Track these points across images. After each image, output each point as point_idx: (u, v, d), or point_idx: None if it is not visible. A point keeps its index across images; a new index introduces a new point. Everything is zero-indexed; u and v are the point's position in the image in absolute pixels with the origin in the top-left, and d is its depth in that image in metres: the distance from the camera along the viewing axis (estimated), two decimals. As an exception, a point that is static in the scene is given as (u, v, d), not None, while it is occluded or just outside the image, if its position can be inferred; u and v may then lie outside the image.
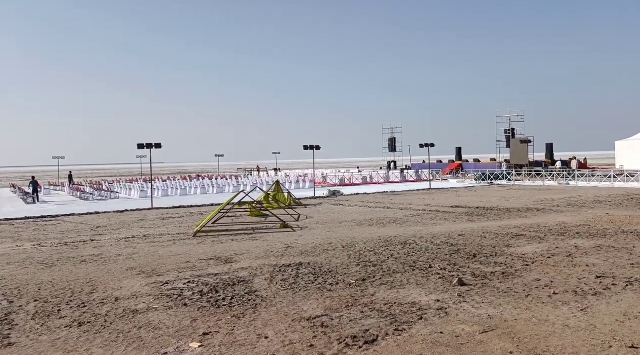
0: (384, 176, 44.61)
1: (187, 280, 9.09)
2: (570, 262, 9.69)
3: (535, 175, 39.80)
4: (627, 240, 11.79)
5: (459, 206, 21.33)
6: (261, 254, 11.46)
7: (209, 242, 13.50)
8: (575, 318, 6.35)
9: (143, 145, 24.92)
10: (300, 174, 52.53)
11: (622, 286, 7.81)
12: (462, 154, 59.00)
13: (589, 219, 15.78)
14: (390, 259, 10.46)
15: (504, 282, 8.26)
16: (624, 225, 14.18)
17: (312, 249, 11.89)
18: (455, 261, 10.02)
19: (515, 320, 6.36)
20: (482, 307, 6.92)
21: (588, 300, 7.13)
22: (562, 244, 11.63)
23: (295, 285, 8.46)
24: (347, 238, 13.43)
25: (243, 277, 9.17)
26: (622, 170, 39.64)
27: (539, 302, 7.08)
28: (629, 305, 6.83)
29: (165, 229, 16.44)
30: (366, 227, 15.66)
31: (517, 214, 18.03)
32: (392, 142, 63.06)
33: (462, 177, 46.51)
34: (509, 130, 51.62)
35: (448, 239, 12.66)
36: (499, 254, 10.60)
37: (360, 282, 8.52)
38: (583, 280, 8.23)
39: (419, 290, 7.94)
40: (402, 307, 7.02)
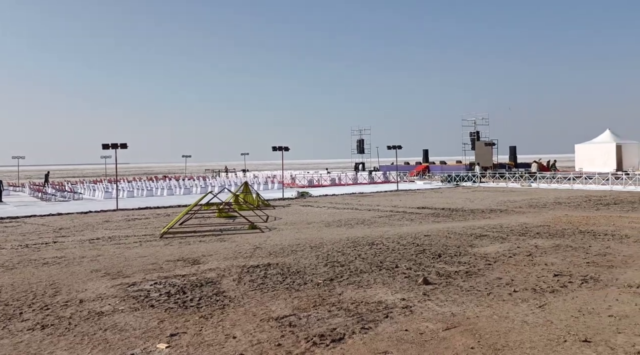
0: (352, 177, 44.95)
1: (154, 281, 9.02)
2: (530, 261, 10.04)
3: (499, 177, 40.82)
4: (584, 240, 12.27)
5: (425, 207, 21.72)
6: (229, 255, 11.44)
7: (176, 243, 13.38)
8: (534, 314, 6.61)
9: (108, 145, 24.43)
10: (268, 175, 52.42)
11: (578, 284, 8.16)
12: (428, 156, 60.00)
13: (549, 220, 16.32)
14: (358, 259, 10.61)
15: (467, 281, 8.51)
16: (581, 226, 14.74)
17: (281, 250, 11.95)
18: (421, 261, 10.24)
19: (477, 317, 6.57)
20: (445, 305, 7.12)
21: (546, 297, 7.42)
22: (523, 243, 12.01)
23: (263, 286, 8.50)
24: (316, 239, 13.54)
25: (211, 278, 9.16)
26: (581, 172, 41.08)
27: (500, 300, 7.33)
28: (584, 301, 7.15)
29: (131, 230, 16.19)
30: (334, 228, 15.80)
31: (481, 214, 18.49)
32: (360, 143, 63.63)
33: (428, 178, 47.29)
34: (474, 133, 52.84)
35: (414, 240, 12.91)
36: (463, 254, 10.88)
37: (328, 282, 8.63)
38: (542, 279, 8.55)
39: (385, 289, 8.10)
40: (369, 306, 7.16)
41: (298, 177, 44.85)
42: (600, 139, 54.50)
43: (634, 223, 15.09)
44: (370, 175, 46.47)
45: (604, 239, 12.31)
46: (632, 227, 14.29)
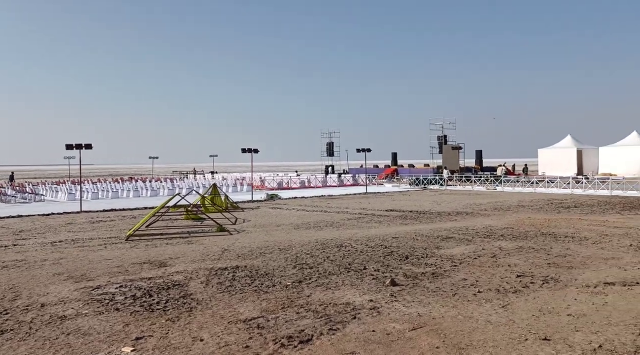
0: (321, 180, 45.07)
1: (119, 284, 8.85)
2: (494, 262, 10.28)
3: (466, 180, 41.62)
4: (545, 242, 12.64)
5: (394, 210, 21.97)
6: (197, 258, 11.33)
7: (143, 246, 13.16)
8: (497, 314, 6.79)
9: (72, 145, 23.82)
10: (237, 177, 52.04)
11: (539, 284, 8.40)
12: (397, 159, 60.72)
13: (513, 222, 16.75)
14: (326, 261, 10.66)
15: (433, 282, 8.66)
16: (543, 228, 15.18)
17: (249, 252, 11.90)
18: (389, 263, 10.36)
19: (442, 317, 6.70)
20: (412, 306, 7.23)
21: (508, 297, 7.62)
22: (487, 245, 12.29)
23: (231, 288, 8.45)
24: (284, 241, 13.53)
25: (178, 281, 9.05)
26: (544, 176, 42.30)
27: (465, 300, 7.49)
28: (544, 301, 7.37)
29: (96, 232, 15.84)
30: (303, 230, 15.82)
31: (448, 217, 18.82)
32: (330, 146, 63.86)
33: (397, 181, 47.83)
34: (441, 137, 53.72)
35: (382, 242, 13.05)
36: (430, 256, 11.06)
37: (296, 284, 8.65)
38: (505, 279, 8.77)
39: (353, 291, 8.17)
40: (337, 308, 7.21)
41: (267, 179, 44.71)
42: (562, 144, 56.27)
43: (593, 225, 15.63)
44: (339, 178, 46.71)
45: (565, 241, 12.71)
46: (591, 229, 14.80)
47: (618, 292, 7.81)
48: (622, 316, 6.56)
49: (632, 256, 10.61)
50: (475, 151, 55.13)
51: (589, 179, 36.33)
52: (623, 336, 5.83)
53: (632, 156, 49.23)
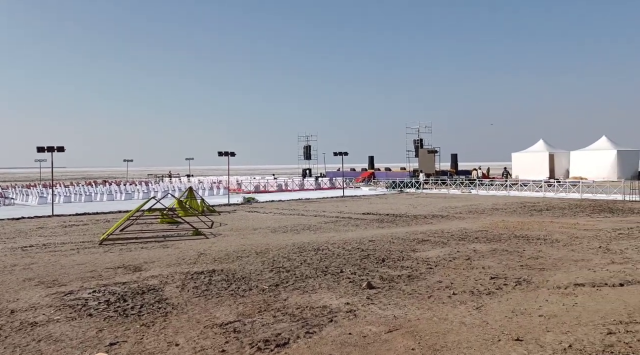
0: (298, 183, 45.07)
1: (92, 289, 8.70)
2: (469, 264, 10.44)
3: (441, 183, 42.12)
4: (518, 244, 12.89)
5: (370, 213, 22.10)
6: (172, 262, 11.21)
7: (117, 250, 12.96)
8: (471, 316, 6.90)
9: (43, 148, 23.32)
10: (214, 181, 51.64)
11: (512, 286, 8.57)
12: (374, 163, 61.11)
13: (487, 225, 17.02)
14: (303, 264, 10.67)
15: (409, 285, 8.74)
16: (516, 231, 15.47)
17: (226, 256, 11.83)
18: (365, 266, 10.43)
19: (418, 319, 6.78)
20: (388, 309, 7.29)
21: (482, 299, 7.75)
22: (462, 248, 12.47)
23: (207, 292, 8.39)
24: (261, 245, 13.49)
25: (153, 285, 8.94)
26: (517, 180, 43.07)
27: (440, 302, 7.59)
28: (517, 302, 7.52)
29: (68, 237, 15.54)
30: (280, 233, 15.80)
31: (424, 220, 19.03)
32: (307, 149, 63.92)
33: (374, 185, 48.11)
34: (417, 140, 54.30)
35: (359, 245, 13.12)
36: (406, 258, 11.17)
37: (273, 288, 8.64)
38: (479, 281, 8.92)
39: (330, 294, 8.20)
40: (314, 311, 7.22)
41: (244, 182, 44.50)
42: (534, 148, 57.44)
43: (564, 228, 16.00)
44: (316, 181, 46.77)
45: (537, 243, 12.98)
46: (562, 232, 15.15)
47: (587, 293, 8.01)
48: (591, 316, 6.74)
49: (601, 258, 10.90)
50: (451, 155, 55.87)
51: (561, 182, 37.17)
52: (592, 336, 5.99)
53: (601, 160, 50.55)
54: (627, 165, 50.02)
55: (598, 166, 50.28)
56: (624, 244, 12.74)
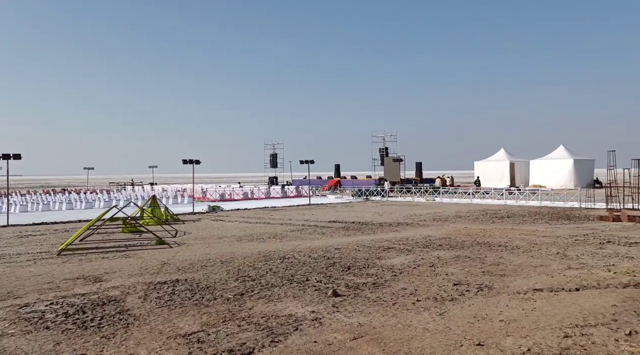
0: (265, 191, 44.86)
1: (50, 302, 8.42)
2: (432, 271, 10.60)
3: (406, 191, 42.68)
4: (481, 251, 13.18)
5: (337, 221, 22.19)
6: (135, 272, 10.97)
7: (76, 260, 12.59)
8: (434, 322, 7.00)
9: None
10: (178, 189, 50.85)
11: (474, 292, 8.75)
12: (340, 171, 61.46)
13: (450, 232, 17.34)
14: (269, 273, 10.61)
15: (374, 292, 8.81)
16: (478, 238, 15.81)
17: (190, 265, 11.65)
18: (331, 274, 10.46)
19: (382, 326, 6.84)
20: (353, 316, 7.33)
21: (445, 305, 7.88)
22: (426, 255, 12.66)
23: (171, 303, 8.25)
24: (226, 253, 13.35)
25: (114, 296, 8.72)
26: (480, 188, 44.02)
27: (404, 309, 7.68)
28: (479, 308, 7.68)
29: (24, 247, 14.99)
30: (246, 242, 15.68)
31: (389, 228, 19.23)
32: (273, 157, 63.80)
33: (340, 193, 48.35)
34: (383, 149, 54.96)
35: (325, 253, 13.15)
36: (371, 266, 11.25)
37: (238, 297, 8.56)
38: (442, 288, 9.07)
39: (295, 302, 8.18)
40: (279, 320, 7.19)
41: (209, 190, 43.99)
42: (496, 157, 58.97)
43: (524, 235, 16.45)
44: (283, 190, 46.67)
45: (498, 250, 13.30)
46: (522, 238, 15.57)
47: (545, 297, 8.25)
48: (549, 320, 6.94)
49: (559, 264, 11.25)
50: (415, 163, 56.76)
51: (521, 190, 38.23)
52: (549, 339, 6.17)
53: (559, 169, 52.31)
54: (583, 173, 51.91)
55: (556, 175, 52.02)
56: (580, 250, 13.19)
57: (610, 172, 24.56)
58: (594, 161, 54.06)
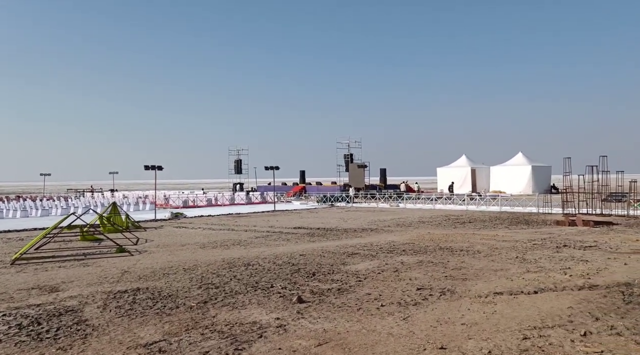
0: (229, 198, 44.41)
1: (2, 313, 8.08)
2: (396, 276, 10.71)
3: (371, 197, 43.04)
4: (443, 256, 13.40)
5: (302, 227, 22.16)
6: (93, 281, 10.65)
7: (31, 270, 12.13)
8: (398, 326, 7.07)
9: (-51, 160, 21.49)
10: (140, 195, 49.79)
11: (437, 296, 8.88)
12: (305, 177, 61.47)
13: (414, 238, 17.56)
14: (233, 280, 10.49)
15: (339, 298, 8.83)
16: (441, 243, 16.07)
17: (151, 274, 11.40)
18: (296, 280, 10.42)
19: (347, 332, 6.85)
20: (318, 322, 7.32)
21: (409, 310, 7.97)
22: (390, 260, 12.78)
23: (131, 312, 8.04)
24: (189, 261, 13.13)
25: (71, 306, 8.44)
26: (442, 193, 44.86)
27: (369, 314, 7.72)
28: (442, 312, 7.80)
29: (-24, 256, 14.34)
30: (210, 249, 15.47)
31: (354, 234, 19.33)
32: (238, 163, 63.29)
33: (305, 199, 48.35)
34: (347, 155, 55.33)
35: (290, 259, 13.10)
36: (336, 272, 11.28)
37: (201, 305, 8.42)
38: (406, 293, 9.16)
39: (260, 309, 8.11)
40: (243, 327, 7.11)
41: (172, 197, 43.23)
42: (457, 163, 60.22)
43: (485, 240, 16.82)
44: (247, 196, 46.32)
45: (460, 255, 13.55)
46: (483, 243, 15.92)
47: (505, 301, 8.45)
48: (509, 323, 7.11)
49: (518, 267, 11.55)
50: (380, 169, 57.38)
51: (482, 196, 39.13)
52: (509, 341, 6.31)
53: (518, 175, 53.82)
54: (540, 179, 53.59)
55: (515, 180, 53.50)
56: (538, 253, 13.58)
57: (566, 178, 25.43)
58: (550, 167, 55.90)
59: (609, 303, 8.16)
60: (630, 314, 7.48)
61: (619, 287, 9.34)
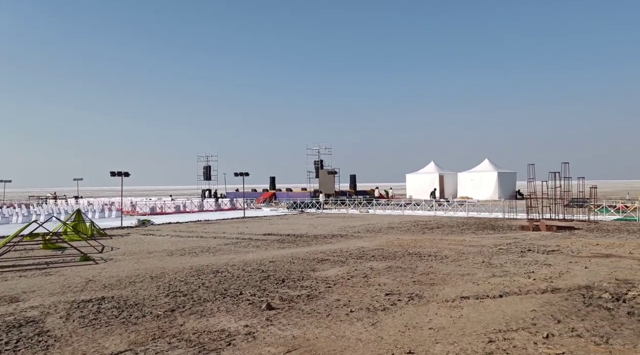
0: (198, 205, 43.88)
1: (-41, 325, 7.77)
2: (365, 282, 10.77)
3: (341, 204, 43.20)
4: (412, 261, 13.55)
5: (271, 234, 22.07)
6: (56, 290, 10.35)
7: (-10, 279, 11.70)
8: (367, 332, 7.11)
9: None
10: (105, 202, 48.72)
11: (405, 301, 8.97)
12: (275, 184, 61.30)
13: (383, 244, 17.71)
14: (202, 288, 10.37)
15: (308, 304, 8.82)
16: (410, 248, 16.26)
17: (117, 282, 11.16)
18: (265, 287, 10.37)
19: (316, 338, 6.85)
20: (287, 329, 7.30)
21: (378, 315, 8.02)
22: (360, 266, 12.85)
23: (96, 322, 7.85)
24: (157, 269, 12.91)
25: (33, 317, 8.18)
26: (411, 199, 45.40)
27: (338, 320, 7.74)
28: (410, 317, 7.88)
29: None
30: (177, 256, 15.24)
31: (324, 240, 19.36)
32: (207, 170, 62.64)
33: (275, 205, 48.18)
34: (318, 161, 55.42)
35: (259, 266, 13.03)
36: (306, 278, 11.27)
37: (169, 313, 8.29)
38: (375, 298, 9.23)
39: (228, 317, 8.04)
40: (211, 335, 7.03)
41: (139, 204, 42.45)
42: (426, 170, 61.08)
43: (452, 245, 17.10)
44: (216, 202, 45.86)
45: (428, 260, 13.73)
46: (451, 248, 16.18)
47: (472, 305, 8.61)
48: (475, 327, 7.24)
49: (484, 272, 11.78)
50: (350, 176, 57.71)
51: (450, 202, 39.77)
52: (475, 345, 6.43)
53: (484, 181, 54.94)
54: (506, 185, 54.84)
55: (482, 186, 54.58)
56: (503, 258, 13.88)
57: (530, 184, 26.09)
58: (516, 174, 57.32)
59: (570, 306, 8.41)
60: (590, 316, 7.72)
61: (580, 290, 9.64)
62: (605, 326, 7.17)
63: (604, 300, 8.76)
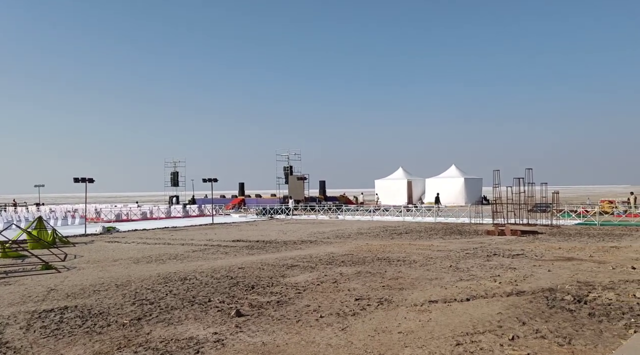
0: (165, 211, 43.16)
1: None
2: (335, 287, 10.78)
3: (310, 209, 43.21)
4: (381, 266, 13.64)
5: (240, 240, 21.88)
6: (16, 300, 9.99)
7: (-55, 290, 11.22)
8: (337, 337, 7.11)
9: None
10: (69, 209, 47.40)
11: (375, 306, 9.02)
12: (244, 190, 60.85)
13: (352, 249, 17.78)
14: (169, 295, 10.18)
15: (278, 310, 8.77)
16: (379, 253, 16.37)
17: (81, 291, 10.86)
18: (234, 293, 10.26)
19: (286, 344, 6.82)
20: (257, 335, 7.24)
21: (348, 320, 8.04)
22: (329, 271, 12.86)
23: (58, 332, 7.61)
24: (122, 276, 12.62)
25: (-9, 328, 7.87)
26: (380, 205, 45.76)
27: (308, 326, 7.72)
28: (379, 321, 7.93)
29: None
30: (144, 264, 14.94)
31: (293, 246, 19.31)
32: (174, 176, 61.67)
33: (244, 211, 47.82)
34: (287, 167, 55.30)
35: (228, 273, 12.89)
36: (275, 284, 11.21)
37: (135, 322, 8.10)
38: (345, 303, 9.25)
39: (197, 324, 7.92)
40: (179, 343, 6.91)
41: (104, 210, 41.46)
42: (395, 175, 61.74)
43: (420, 249, 17.30)
44: (184, 209, 45.20)
45: (397, 265, 13.85)
46: (419, 253, 16.37)
47: (440, 308, 8.72)
48: (443, 330, 7.34)
49: (452, 276, 11.96)
50: (319, 181, 57.77)
51: (417, 207, 40.26)
52: (443, 348, 6.51)
53: (452, 187, 55.87)
54: (472, 191, 55.92)
55: (449, 192, 55.48)
56: (470, 262, 14.12)
57: (495, 189, 26.65)
58: (482, 180, 58.52)
59: (534, 308, 8.61)
60: (553, 318, 7.92)
61: (544, 292, 9.89)
62: (568, 327, 7.37)
63: (566, 302, 9.01)
